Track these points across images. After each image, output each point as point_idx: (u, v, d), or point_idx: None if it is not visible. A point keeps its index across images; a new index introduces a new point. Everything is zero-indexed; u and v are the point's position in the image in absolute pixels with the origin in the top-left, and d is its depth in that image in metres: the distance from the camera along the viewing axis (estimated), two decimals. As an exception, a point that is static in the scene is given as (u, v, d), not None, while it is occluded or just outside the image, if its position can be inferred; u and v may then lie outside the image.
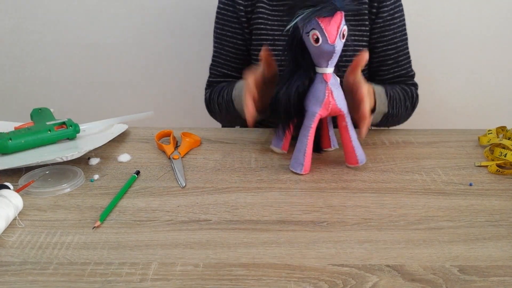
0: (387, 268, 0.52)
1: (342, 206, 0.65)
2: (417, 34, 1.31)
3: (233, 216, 0.62)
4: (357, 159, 0.75)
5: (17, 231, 0.58)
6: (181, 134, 0.86)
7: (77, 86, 1.49)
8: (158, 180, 0.72)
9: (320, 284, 0.49)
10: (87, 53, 1.44)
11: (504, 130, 0.86)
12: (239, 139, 0.88)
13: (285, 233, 0.58)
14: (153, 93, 1.50)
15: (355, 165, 0.76)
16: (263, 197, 0.67)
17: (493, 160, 0.78)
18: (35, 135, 0.78)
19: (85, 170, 0.74)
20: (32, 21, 1.39)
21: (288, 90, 0.72)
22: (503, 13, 1.35)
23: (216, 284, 0.49)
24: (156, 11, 1.38)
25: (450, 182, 0.72)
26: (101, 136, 0.85)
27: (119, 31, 1.40)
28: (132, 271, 0.51)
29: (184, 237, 0.57)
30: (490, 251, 0.55)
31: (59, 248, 0.55)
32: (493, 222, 0.61)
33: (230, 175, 0.74)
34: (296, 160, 0.74)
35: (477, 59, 1.41)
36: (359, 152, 0.75)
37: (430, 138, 0.89)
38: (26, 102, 1.49)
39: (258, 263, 0.52)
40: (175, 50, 1.43)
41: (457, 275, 0.51)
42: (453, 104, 1.46)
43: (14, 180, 0.69)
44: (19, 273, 0.50)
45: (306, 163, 0.73)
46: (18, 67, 1.46)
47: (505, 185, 0.71)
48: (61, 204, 0.64)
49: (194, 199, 0.66)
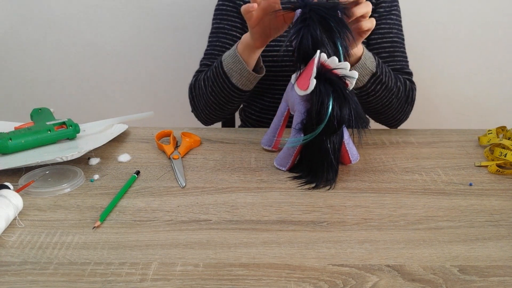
0: (387, 268, 0.52)
1: (342, 206, 0.65)
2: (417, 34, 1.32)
3: (233, 216, 0.62)
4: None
5: (17, 231, 0.58)
6: (181, 134, 0.86)
7: (77, 86, 1.49)
8: (158, 180, 0.72)
9: (320, 284, 0.49)
10: (87, 53, 1.44)
11: (504, 130, 0.86)
12: (239, 139, 0.88)
13: (285, 233, 0.58)
14: (153, 93, 1.50)
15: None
16: (263, 197, 0.67)
17: (493, 160, 0.78)
18: (35, 135, 0.78)
19: (85, 170, 0.74)
20: (32, 21, 1.39)
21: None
22: (503, 13, 1.35)
23: (216, 284, 0.49)
24: (156, 11, 1.38)
25: (450, 182, 0.72)
26: (101, 136, 0.85)
27: (119, 31, 1.40)
28: (132, 271, 0.51)
29: (184, 237, 0.57)
30: (490, 251, 0.55)
31: (59, 248, 0.55)
32: (493, 222, 0.61)
33: (230, 175, 0.74)
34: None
35: (477, 59, 1.41)
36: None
37: (430, 138, 0.89)
38: (26, 102, 1.50)
39: (258, 263, 0.52)
40: (175, 50, 1.43)
41: (457, 275, 0.51)
42: (453, 104, 1.46)
43: (14, 180, 0.69)
44: (19, 273, 0.50)
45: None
46: (18, 67, 1.46)
47: (505, 185, 0.71)
48: (61, 204, 0.64)
49: (194, 199, 0.66)
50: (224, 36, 1.00)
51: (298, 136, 0.71)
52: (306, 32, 0.68)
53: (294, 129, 0.71)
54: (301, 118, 0.70)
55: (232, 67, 0.86)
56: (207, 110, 0.95)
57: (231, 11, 1.00)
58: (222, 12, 1.01)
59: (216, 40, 1.00)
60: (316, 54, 0.67)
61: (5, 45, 1.43)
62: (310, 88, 0.67)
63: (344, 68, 0.68)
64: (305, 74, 0.70)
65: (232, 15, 1.00)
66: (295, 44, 0.70)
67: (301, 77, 0.71)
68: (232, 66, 0.85)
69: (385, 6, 1.00)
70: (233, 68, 0.85)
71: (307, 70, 0.69)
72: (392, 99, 0.91)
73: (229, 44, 0.99)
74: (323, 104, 0.66)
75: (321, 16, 0.68)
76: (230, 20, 1.00)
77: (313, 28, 0.68)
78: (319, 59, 0.67)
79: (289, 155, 0.74)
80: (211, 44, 1.01)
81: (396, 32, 1.00)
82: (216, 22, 1.01)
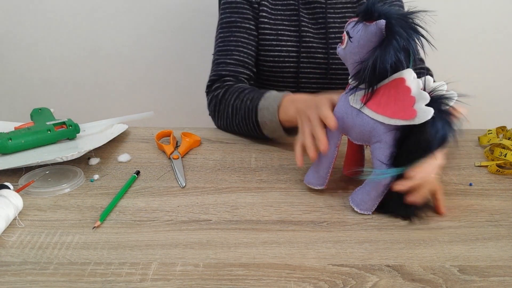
0: (387, 268, 0.52)
1: (342, 206, 0.65)
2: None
3: (233, 216, 0.62)
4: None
5: (17, 231, 0.58)
6: (181, 134, 0.86)
7: (77, 86, 1.49)
8: (158, 180, 0.72)
9: (320, 284, 0.49)
10: (87, 53, 1.44)
11: (504, 130, 0.86)
12: (239, 139, 0.88)
13: (285, 233, 0.58)
14: (153, 93, 1.50)
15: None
16: (263, 197, 0.67)
17: (493, 160, 0.78)
18: (35, 135, 0.78)
19: (85, 170, 0.74)
20: (33, 21, 1.39)
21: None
22: (503, 13, 1.35)
23: (216, 284, 0.49)
24: (156, 11, 1.38)
25: (450, 182, 0.72)
26: (101, 136, 0.85)
27: (119, 31, 1.40)
28: (132, 271, 0.51)
29: (184, 237, 0.57)
30: (490, 251, 0.55)
31: (59, 248, 0.54)
32: (493, 222, 0.61)
33: (230, 175, 0.74)
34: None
35: (477, 59, 1.41)
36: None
37: (430, 138, 0.89)
38: (26, 102, 1.50)
39: (258, 263, 0.52)
40: (175, 50, 1.43)
41: (457, 275, 0.51)
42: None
43: (14, 180, 0.69)
44: (19, 273, 0.50)
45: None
46: (18, 67, 1.46)
47: (505, 185, 0.71)
48: (61, 204, 0.64)
49: (194, 199, 0.66)
50: (237, 30, 0.94)
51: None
52: (390, 49, 0.55)
53: (380, 162, 0.60)
54: (390, 150, 0.59)
55: (267, 122, 0.81)
56: (227, 129, 0.92)
57: (240, 2, 0.95)
58: (231, 5, 0.96)
59: (229, 35, 0.95)
60: (408, 73, 0.57)
61: (5, 45, 1.43)
62: (420, 117, 0.55)
63: (442, 89, 0.59)
64: (396, 99, 0.57)
65: (242, 7, 0.95)
66: (374, 62, 0.56)
67: (387, 103, 0.58)
68: (267, 122, 0.81)
69: (388, 2, 0.99)
70: (268, 124, 0.81)
71: (395, 94, 0.58)
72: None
73: (244, 38, 0.94)
74: (437, 133, 0.55)
75: (404, 30, 0.55)
76: (241, 12, 0.95)
77: (398, 45, 0.55)
78: (422, 81, 0.58)
79: (374, 197, 0.62)
80: (225, 39, 0.95)
81: None
82: (226, 16, 0.97)
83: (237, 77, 0.94)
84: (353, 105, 0.61)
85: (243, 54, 0.94)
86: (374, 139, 0.60)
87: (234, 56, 0.94)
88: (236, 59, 0.94)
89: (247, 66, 0.95)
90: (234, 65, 0.94)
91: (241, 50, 0.94)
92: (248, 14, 0.95)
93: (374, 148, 0.61)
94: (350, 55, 0.60)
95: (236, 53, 0.94)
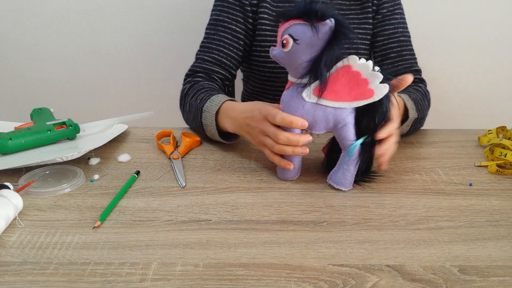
0: (387, 268, 0.52)
1: (342, 206, 0.65)
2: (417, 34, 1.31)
3: (233, 216, 0.62)
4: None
5: (17, 231, 0.58)
6: (181, 134, 0.86)
7: (77, 86, 1.49)
8: (158, 180, 0.72)
9: (320, 284, 0.49)
10: (87, 53, 1.44)
11: (504, 130, 0.86)
12: (239, 139, 0.88)
13: (285, 233, 0.58)
14: (153, 93, 1.50)
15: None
16: (263, 197, 0.67)
17: (493, 160, 0.78)
18: (35, 135, 0.78)
19: (85, 170, 0.74)
20: (33, 21, 1.39)
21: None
22: (503, 13, 1.35)
23: (216, 284, 0.49)
24: (156, 11, 1.38)
25: (450, 182, 0.72)
26: (101, 136, 0.85)
27: (119, 31, 1.40)
28: (132, 271, 0.51)
29: (184, 237, 0.57)
30: (490, 251, 0.55)
31: (59, 248, 0.55)
32: (493, 222, 0.61)
33: (230, 175, 0.74)
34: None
35: (477, 59, 1.41)
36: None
37: (430, 138, 0.89)
38: (26, 102, 1.50)
39: (258, 263, 0.52)
40: (175, 50, 1.43)
41: (457, 275, 0.51)
42: (453, 104, 1.46)
43: (14, 180, 0.69)
44: (19, 273, 0.50)
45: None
46: (18, 67, 1.46)
47: (505, 185, 0.71)
48: (61, 204, 0.64)
49: (194, 199, 0.66)
50: (222, 29, 0.95)
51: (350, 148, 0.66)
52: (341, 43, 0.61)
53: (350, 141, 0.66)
54: (354, 128, 0.65)
55: (208, 125, 0.81)
56: (187, 124, 0.92)
57: (233, 3, 0.96)
58: (223, 3, 0.96)
59: (214, 33, 0.95)
60: (352, 59, 0.62)
61: (5, 45, 1.43)
62: (379, 94, 0.62)
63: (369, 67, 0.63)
64: (350, 84, 0.63)
65: (233, 8, 0.96)
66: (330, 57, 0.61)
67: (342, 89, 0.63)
68: (208, 124, 0.81)
69: (388, 6, 0.99)
70: (209, 127, 0.81)
71: (347, 80, 0.63)
72: (423, 121, 0.91)
73: (228, 39, 0.95)
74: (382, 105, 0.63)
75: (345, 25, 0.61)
76: (231, 13, 0.96)
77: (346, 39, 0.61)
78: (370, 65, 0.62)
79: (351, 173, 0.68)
80: (209, 36, 0.96)
81: (401, 31, 0.99)
82: (216, 14, 0.97)
83: (209, 75, 0.94)
84: (310, 101, 0.65)
85: (223, 54, 0.94)
86: (340, 124, 0.65)
87: (212, 55, 0.94)
88: (214, 58, 0.94)
89: (224, 66, 0.95)
90: (210, 63, 0.94)
91: (222, 50, 0.94)
92: (238, 16, 0.95)
93: (341, 131, 0.66)
94: (297, 56, 0.63)
95: (215, 52, 0.94)
